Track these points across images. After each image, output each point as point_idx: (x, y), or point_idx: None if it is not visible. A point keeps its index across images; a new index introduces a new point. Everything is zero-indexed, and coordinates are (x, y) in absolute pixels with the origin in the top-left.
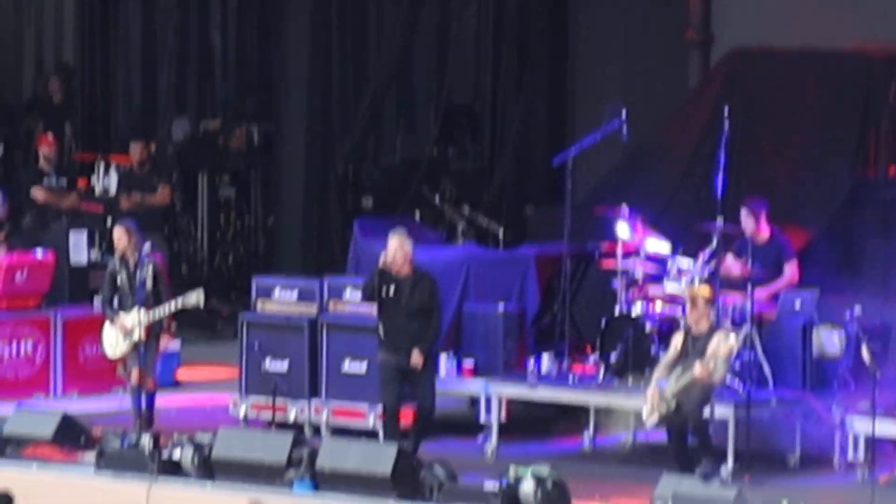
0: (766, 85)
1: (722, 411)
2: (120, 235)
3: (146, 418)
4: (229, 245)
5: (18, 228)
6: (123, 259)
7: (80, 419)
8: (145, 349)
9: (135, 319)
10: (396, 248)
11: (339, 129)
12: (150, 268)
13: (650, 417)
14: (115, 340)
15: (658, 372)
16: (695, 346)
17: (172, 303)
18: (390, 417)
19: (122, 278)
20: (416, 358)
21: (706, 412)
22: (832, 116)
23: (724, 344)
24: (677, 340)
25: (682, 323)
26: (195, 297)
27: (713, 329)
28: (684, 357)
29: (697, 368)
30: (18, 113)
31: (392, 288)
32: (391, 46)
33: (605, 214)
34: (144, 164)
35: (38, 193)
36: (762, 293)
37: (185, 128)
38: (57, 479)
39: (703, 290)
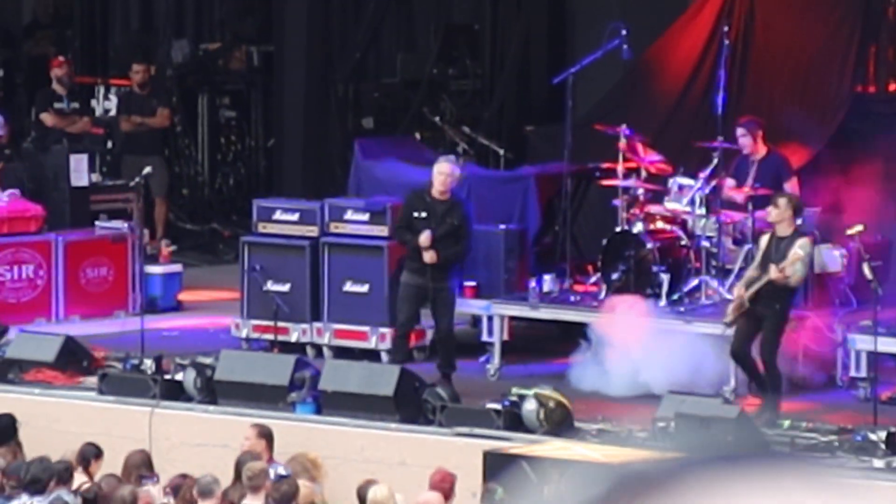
0: (764, 2)
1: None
2: None
3: None
4: (230, 167)
5: (19, 152)
6: None
7: (82, 342)
8: None
9: None
10: (448, 174)
11: (338, 50)
12: None
13: (729, 316)
14: None
15: (749, 272)
16: (777, 249)
17: None
18: (401, 337)
19: None
20: (431, 256)
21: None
22: (831, 33)
23: (799, 249)
24: (763, 242)
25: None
26: None
27: (798, 234)
28: (767, 260)
29: (773, 271)
30: (18, 36)
31: (424, 211)
32: None
33: (606, 133)
34: (145, 86)
35: (46, 117)
36: (764, 214)
37: (184, 49)
38: (59, 402)
39: (787, 194)
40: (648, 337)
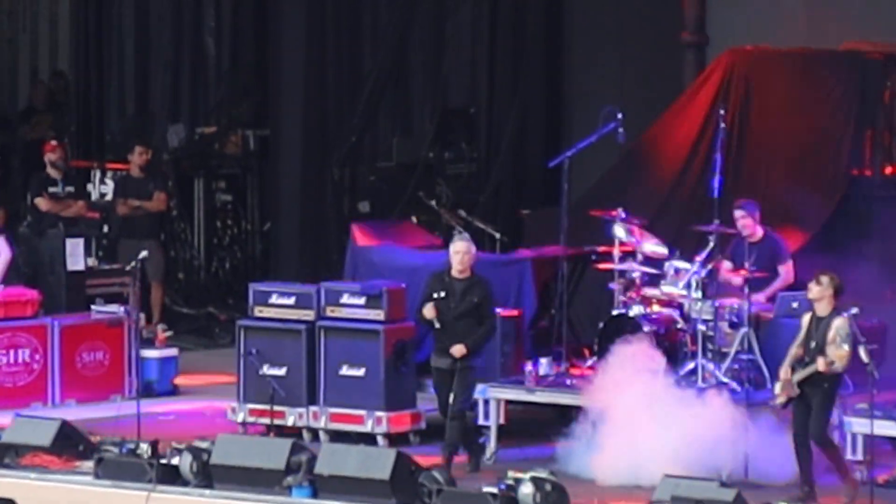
0: (760, 86)
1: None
2: None
3: None
4: (226, 251)
5: (15, 237)
6: None
7: (78, 427)
8: None
9: None
10: (465, 252)
11: (334, 134)
12: None
13: (779, 397)
14: None
15: (793, 350)
16: (818, 329)
17: None
18: (448, 419)
19: None
20: (458, 349)
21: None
22: (827, 117)
23: (844, 345)
24: (805, 321)
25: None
26: None
27: (835, 314)
28: (809, 339)
29: (820, 362)
30: (15, 121)
31: (443, 291)
32: (386, 50)
33: (602, 216)
34: (145, 169)
35: (41, 202)
36: (760, 297)
37: (180, 134)
38: (56, 487)
39: (830, 273)
40: (656, 401)
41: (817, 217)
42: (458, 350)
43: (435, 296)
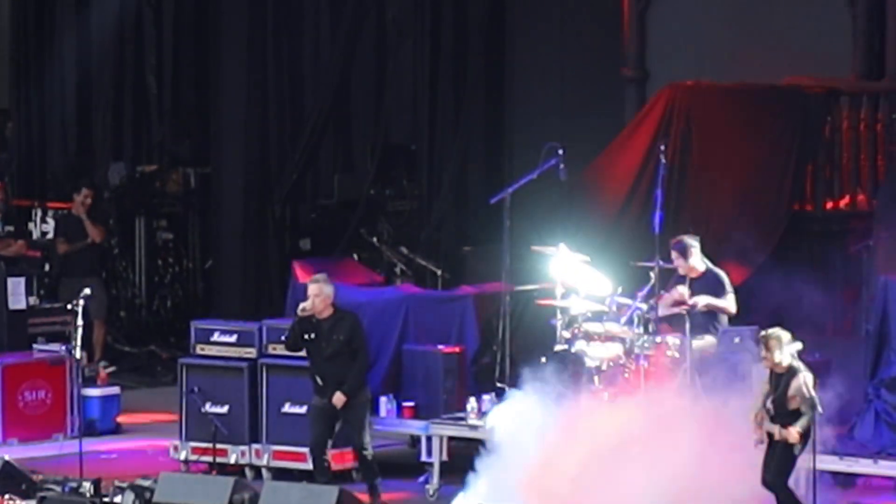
0: (701, 121)
1: None
2: None
3: None
4: (168, 289)
5: None
6: None
7: (20, 466)
8: None
9: None
10: (315, 295)
11: (275, 171)
12: None
13: (753, 436)
14: None
15: (757, 402)
16: (779, 385)
17: None
18: (314, 459)
19: None
20: (338, 398)
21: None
22: (768, 152)
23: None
24: (766, 376)
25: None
26: None
27: (792, 370)
28: (773, 393)
29: (794, 435)
30: None
31: (313, 332)
32: (327, 87)
33: (544, 253)
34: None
35: None
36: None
37: (121, 172)
38: None
39: (774, 332)
40: None
41: (759, 252)
42: (338, 400)
43: (306, 336)
